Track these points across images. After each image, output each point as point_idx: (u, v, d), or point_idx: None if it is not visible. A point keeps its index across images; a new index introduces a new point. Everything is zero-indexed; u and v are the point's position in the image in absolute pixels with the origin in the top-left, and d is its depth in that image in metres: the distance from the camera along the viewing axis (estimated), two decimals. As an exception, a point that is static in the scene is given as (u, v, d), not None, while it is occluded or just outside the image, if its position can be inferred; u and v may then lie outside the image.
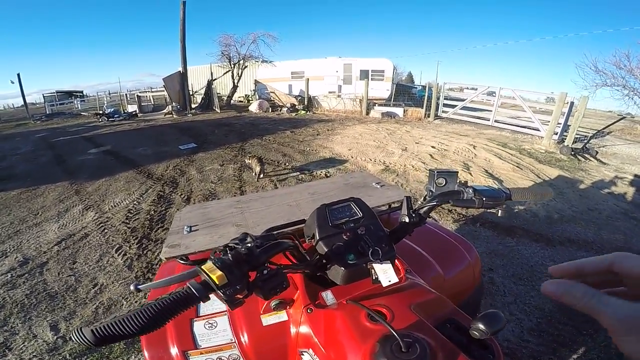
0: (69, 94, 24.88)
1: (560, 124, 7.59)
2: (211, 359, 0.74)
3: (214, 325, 0.77)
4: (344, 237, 0.76)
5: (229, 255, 0.54)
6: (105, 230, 3.18)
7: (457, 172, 0.86)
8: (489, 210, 0.83)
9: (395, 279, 0.71)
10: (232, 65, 15.52)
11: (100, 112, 13.89)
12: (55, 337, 1.91)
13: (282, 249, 0.65)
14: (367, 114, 12.30)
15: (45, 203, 3.99)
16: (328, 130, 8.70)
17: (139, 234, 3.07)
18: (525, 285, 2.38)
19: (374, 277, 0.73)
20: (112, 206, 3.79)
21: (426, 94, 11.69)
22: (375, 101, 13.56)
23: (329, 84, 15.58)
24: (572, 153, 6.44)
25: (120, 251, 2.79)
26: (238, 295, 0.52)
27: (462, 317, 0.68)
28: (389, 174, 4.87)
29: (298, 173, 4.86)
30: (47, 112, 17.66)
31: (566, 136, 7.26)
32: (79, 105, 20.98)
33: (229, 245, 0.58)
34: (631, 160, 6.76)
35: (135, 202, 3.87)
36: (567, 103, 7.55)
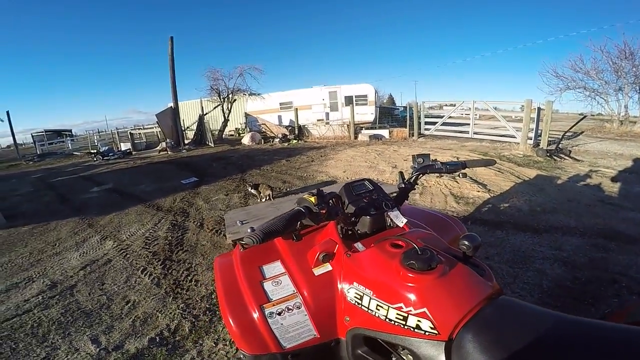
0: (58, 133, 24.71)
1: (533, 129, 8.17)
2: (281, 309, 0.94)
3: (279, 282, 1.00)
4: (365, 200, 1.11)
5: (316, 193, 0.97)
6: (128, 255, 3.36)
7: (430, 154, 1.37)
8: (453, 174, 1.36)
9: (405, 220, 1.04)
10: (222, 99, 15.82)
11: (94, 151, 13.81)
12: (98, 349, 2.01)
13: (334, 195, 1.08)
14: (356, 138, 12.76)
15: (60, 235, 4.15)
16: (321, 156, 9.04)
17: (161, 257, 3.25)
18: (520, 268, 2.58)
19: (388, 223, 1.08)
20: (128, 235, 3.97)
21: (407, 114, 12.32)
22: (361, 125, 14.14)
23: (317, 112, 16.14)
24: (548, 154, 6.95)
25: (145, 272, 2.96)
26: (322, 211, 0.89)
27: (455, 250, 0.93)
28: (384, 186, 5.19)
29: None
30: (38, 152, 17.49)
31: (540, 140, 7.84)
32: (69, 144, 20.62)
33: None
34: (602, 155, 7.34)
35: (151, 231, 4.05)
36: (535, 109, 8.17)
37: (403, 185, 1.29)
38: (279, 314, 0.93)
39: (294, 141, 13.48)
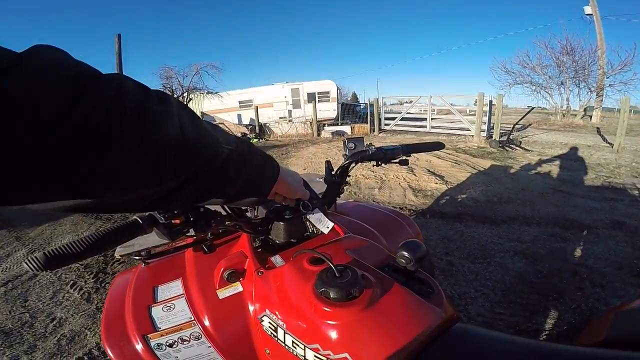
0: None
1: (485, 121, 8.57)
2: (173, 340, 0.74)
3: (171, 307, 0.79)
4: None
5: None
6: (56, 269, 2.95)
7: (363, 137, 1.12)
8: (393, 161, 1.11)
9: (331, 224, 0.80)
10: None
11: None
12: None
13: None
14: (319, 135, 12.64)
15: (-22, 253, 3.58)
16: (282, 154, 8.81)
17: (93, 270, 2.88)
18: (482, 263, 2.51)
19: (310, 230, 0.85)
20: (59, 247, 3.52)
21: (368, 110, 12.45)
22: (324, 122, 14.08)
23: (279, 110, 15.70)
24: (500, 145, 7.30)
25: (75, 286, 2.62)
26: (175, 221, 0.57)
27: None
28: (343, 184, 5.08)
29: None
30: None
31: (493, 132, 8.21)
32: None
33: None
34: (549, 145, 7.86)
35: (85, 241, 3.63)
36: (487, 103, 8.57)
37: (329, 178, 1.01)
38: (170, 345, 0.72)
39: (255, 140, 13.08)
